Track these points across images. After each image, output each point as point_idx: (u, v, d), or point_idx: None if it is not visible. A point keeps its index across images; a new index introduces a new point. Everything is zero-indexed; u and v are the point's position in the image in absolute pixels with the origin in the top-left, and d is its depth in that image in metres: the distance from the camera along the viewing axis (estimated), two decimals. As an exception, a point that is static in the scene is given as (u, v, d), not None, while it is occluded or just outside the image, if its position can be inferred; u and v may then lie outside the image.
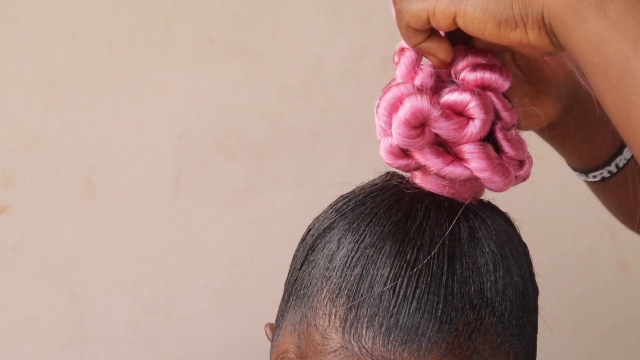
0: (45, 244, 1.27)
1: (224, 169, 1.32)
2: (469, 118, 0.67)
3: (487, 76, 0.69)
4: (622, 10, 0.60)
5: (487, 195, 0.74)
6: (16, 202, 1.25)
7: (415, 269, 0.66)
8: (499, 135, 0.69)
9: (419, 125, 0.66)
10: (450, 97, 0.67)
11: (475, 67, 0.69)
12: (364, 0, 1.34)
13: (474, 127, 0.67)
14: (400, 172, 0.73)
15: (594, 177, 0.89)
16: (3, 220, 1.26)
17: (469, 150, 0.67)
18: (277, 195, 1.34)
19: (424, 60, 0.71)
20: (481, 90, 0.68)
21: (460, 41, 0.71)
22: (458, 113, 0.67)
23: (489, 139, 0.69)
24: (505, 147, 0.69)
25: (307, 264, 0.71)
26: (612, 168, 0.88)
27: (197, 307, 1.34)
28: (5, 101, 1.24)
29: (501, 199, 0.75)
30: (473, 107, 0.67)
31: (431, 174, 0.69)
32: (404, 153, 0.69)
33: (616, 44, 0.59)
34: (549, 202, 1.43)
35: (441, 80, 0.71)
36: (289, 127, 1.33)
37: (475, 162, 0.67)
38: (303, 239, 0.74)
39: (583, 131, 0.86)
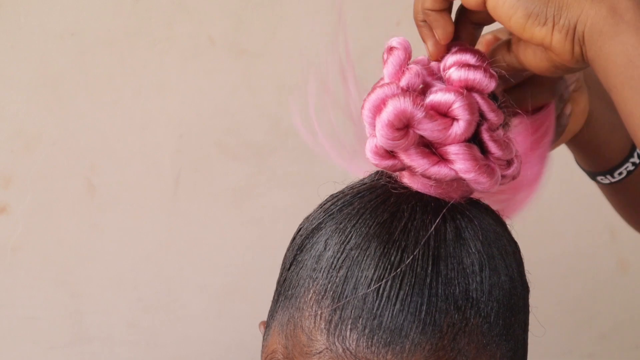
0: (45, 244, 1.27)
1: (224, 169, 1.32)
2: (454, 119, 0.67)
3: (472, 76, 0.68)
4: None
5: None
6: (16, 202, 1.26)
7: (399, 269, 0.66)
8: (485, 136, 0.68)
9: (402, 126, 0.66)
10: (435, 97, 0.67)
11: (461, 66, 0.69)
12: (364, 0, 1.34)
13: (459, 128, 0.66)
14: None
15: (620, 174, 0.89)
16: (3, 220, 1.26)
17: (453, 151, 0.67)
18: (277, 195, 1.34)
19: (412, 58, 0.71)
20: (466, 90, 0.68)
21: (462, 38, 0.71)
22: (442, 114, 0.67)
23: (475, 140, 0.68)
24: (492, 147, 0.68)
25: (295, 264, 0.71)
26: (635, 159, 0.88)
27: (197, 307, 1.34)
28: (5, 101, 1.24)
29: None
30: (457, 107, 0.66)
31: (418, 175, 0.69)
32: (390, 154, 0.68)
33: None
34: (548, 203, 1.43)
35: (432, 75, 0.71)
36: (289, 127, 1.33)
37: (460, 163, 0.67)
38: (293, 238, 0.74)
39: (598, 139, 0.85)
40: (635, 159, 0.88)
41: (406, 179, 0.71)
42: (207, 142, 1.31)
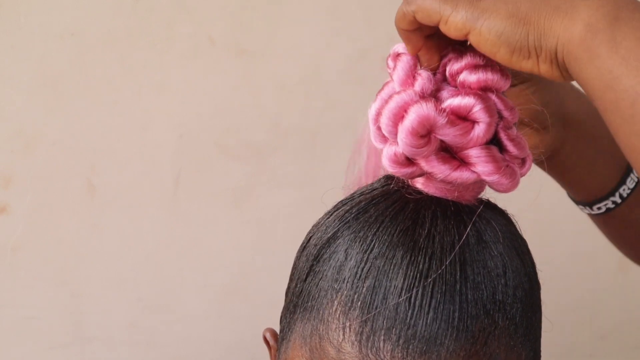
0: (45, 244, 1.27)
1: (224, 169, 1.32)
2: (474, 122, 0.67)
3: (490, 77, 0.68)
4: (633, 47, 0.60)
5: (488, 195, 0.73)
6: (16, 202, 1.25)
7: (430, 279, 0.65)
8: (503, 135, 0.69)
9: (425, 133, 0.65)
10: (454, 101, 0.67)
11: (473, 68, 0.69)
12: (364, 0, 1.34)
13: (480, 131, 0.66)
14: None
15: (599, 208, 0.88)
16: (3, 220, 1.25)
17: (475, 154, 0.67)
18: (277, 195, 1.34)
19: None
20: (482, 92, 0.68)
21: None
22: (462, 117, 0.67)
23: (492, 141, 0.68)
24: (509, 146, 0.69)
25: (313, 275, 0.70)
26: (617, 199, 0.87)
27: (197, 307, 1.34)
28: (5, 101, 1.24)
29: (502, 200, 0.75)
30: (477, 111, 0.66)
31: (436, 180, 0.69)
32: (409, 161, 0.68)
33: (627, 81, 0.59)
34: (549, 203, 1.43)
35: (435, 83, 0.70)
36: (289, 127, 1.33)
37: (482, 165, 0.67)
38: (304, 247, 0.73)
39: (585, 161, 0.85)
40: (616, 199, 0.87)
41: (419, 184, 0.70)
42: (207, 142, 1.31)
